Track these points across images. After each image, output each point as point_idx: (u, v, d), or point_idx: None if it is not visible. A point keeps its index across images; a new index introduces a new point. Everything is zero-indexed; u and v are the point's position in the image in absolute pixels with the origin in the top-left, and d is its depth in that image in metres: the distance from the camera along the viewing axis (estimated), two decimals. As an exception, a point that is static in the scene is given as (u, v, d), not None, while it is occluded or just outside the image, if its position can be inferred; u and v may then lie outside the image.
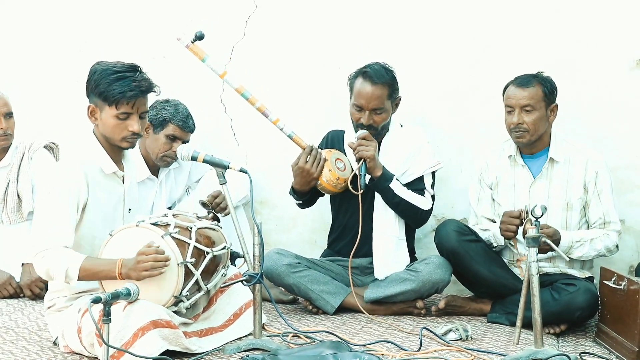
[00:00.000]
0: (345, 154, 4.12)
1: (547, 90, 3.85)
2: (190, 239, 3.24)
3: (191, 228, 3.28)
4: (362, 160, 3.94)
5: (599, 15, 4.31)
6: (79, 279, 3.15)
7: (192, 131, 4.35)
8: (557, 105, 3.90)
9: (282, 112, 4.65)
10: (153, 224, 3.22)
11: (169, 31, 4.81)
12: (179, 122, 4.27)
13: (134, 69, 3.31)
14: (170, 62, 4.80)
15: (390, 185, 4.00)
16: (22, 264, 4.32)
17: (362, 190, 3.96)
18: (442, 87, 4.54)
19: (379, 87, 4.00)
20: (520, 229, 3.44)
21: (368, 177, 3.98)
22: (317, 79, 4.69)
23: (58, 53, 5.02)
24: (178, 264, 3.14)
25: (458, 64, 4.50)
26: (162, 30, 4.84)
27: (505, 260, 4.02)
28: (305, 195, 4.14)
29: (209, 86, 4.78)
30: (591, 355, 3.34)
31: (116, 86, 3.25)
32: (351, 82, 4.09)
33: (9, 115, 4.41)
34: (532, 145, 3.91)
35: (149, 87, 3.33)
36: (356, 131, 4.05)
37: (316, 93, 4.70)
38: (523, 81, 3.86)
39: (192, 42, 3.78)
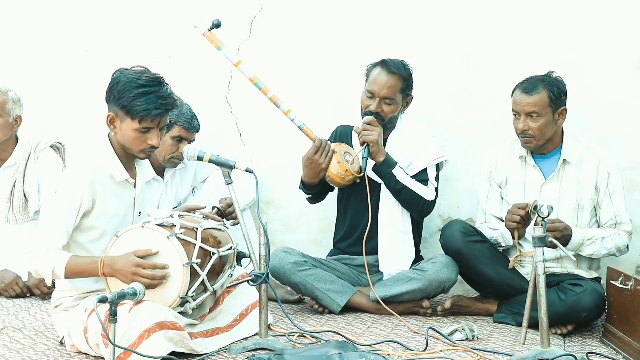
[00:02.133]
0: (354, 148, 4.14)
1: (554, 95, 3.81)
2: (196, 239, 3.23)
3: (197, 229, 3.28)
4: (366, 144, 3.98)
5: (604, 15, 4.30)
6: (65, 277, 3.18)
7: (197, 131, 4.35)
8: (565, 109, 3.87)
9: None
10: (159, 225, 3.22)
11: (174, 31, 4.82)
12: (184, 124, 4.26)
13: (159, 82, 3.26)
14: (175, 62, 4.81)
15: (392, 171, 4.02)
16: None
17: (363, 173, 3.99)
18: (447, 87, 4.53)
19: (394, 77, 4.05)
20: (531, 225, 3.39)
21: (372, 162, 4.01)
22: (323, 79, 4.69)
23: (64, 53, 5.02)
24: (184, 265, 3.14)
25: (464, 64, 4.50)
26: (168, 30, 4.85)
27: (511, 260, 4.01)
28: (315, 187, 4.15)
29: (214, 86, 4.78)
30: (598, 356, 3.34)
31: (141, 102, 3.20)
32: (369, 70, 4.14)
33: None
34: (542, 146, 3.89)
35: (173, 105, 3.29)
36: None
37: (322, 93, 4.70)
38: (528, 87, 3.82)
39: (209, 30, 3.79)
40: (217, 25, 3.77)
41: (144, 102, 3.20)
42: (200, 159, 3.48)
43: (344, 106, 4.53)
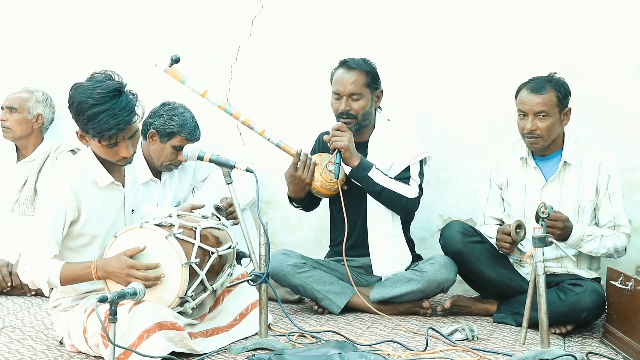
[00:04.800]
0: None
1: (561, 95, 3.81)
2: (195, 239, 3.23)
3: (195, 228, 3.27)
4: (337, 150, 3.96)
5: (604, 16, 4.30)
6: (62, 285, 3.17)
7: (197, 140, 4.37)
8: (570, 109, 3.87)
9: (288, 112, 4.69)
10: (157, 225, 3.22)
11: (174, 31, 4.82)
12: (187, 135, 4.28)
13: (112, 96, 3.13)
14: (176, 62, 4.80)
15: (369, 174, 3.98)
16: None
17: (337, 179, 3.97)
18: (447, 88, 4.53)
19: (355, 73, 4.05)
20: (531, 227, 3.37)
21: (348, 168, 3.99)
22: (324, 79, 4.68)
23: (64, 53, 5.02)
24: (182, 265, 3.14)
25: (464, 64, 4.50)
26: (169, 30, 4.85)
27: (511, 261, 4.01)
28: (303, 200, 4.15)
29: (215, 85, 4.78)
30: (598, 356, 3.34)
31: (93, 125, 3.12)
32: (332, 74, 4.15)
33: (10, 109, 4.70)
34: (545, 148, 3.90)
35: (130, 117, 3.15)
36: None
37: (322, 93, 4.68)
38: (537, 87, 3.81)
39: (170, 66, 3.85)
40: (176, 60, 3.84)
41: (96, 125, 3.12)
42: (200, 158, 3.48)
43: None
